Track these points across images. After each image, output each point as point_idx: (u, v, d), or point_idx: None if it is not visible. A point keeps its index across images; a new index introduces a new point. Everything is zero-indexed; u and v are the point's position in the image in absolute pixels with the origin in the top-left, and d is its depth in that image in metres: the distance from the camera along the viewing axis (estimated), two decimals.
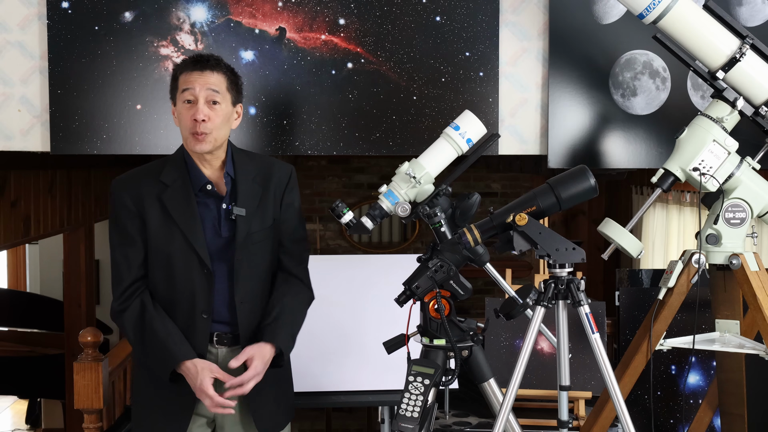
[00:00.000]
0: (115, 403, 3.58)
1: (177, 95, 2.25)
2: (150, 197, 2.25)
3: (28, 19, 2.93)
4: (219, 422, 2.34)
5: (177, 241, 2.24)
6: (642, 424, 3.10)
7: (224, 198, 2.28)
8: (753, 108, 2.45)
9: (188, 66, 2.24)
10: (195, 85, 2.21)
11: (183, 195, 2.25)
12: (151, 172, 2.30)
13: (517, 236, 2.22)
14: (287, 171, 2.38)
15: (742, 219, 2.43)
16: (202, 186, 2.27)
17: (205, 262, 2.24)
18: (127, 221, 2.26)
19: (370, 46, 2.95)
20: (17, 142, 2.96)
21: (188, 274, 2.25)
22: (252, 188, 2.29)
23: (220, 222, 2.27)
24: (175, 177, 2.27)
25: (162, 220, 2.25)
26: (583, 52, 2.98)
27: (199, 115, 2.19)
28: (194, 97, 2.21)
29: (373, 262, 3.24)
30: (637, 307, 3.27)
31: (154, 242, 2.26)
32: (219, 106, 2.23)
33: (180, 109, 2.24)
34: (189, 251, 2.24)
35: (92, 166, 5.55)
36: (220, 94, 2.23)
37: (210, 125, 2.21)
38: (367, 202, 7.37)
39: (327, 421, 6.25)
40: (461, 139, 2.31)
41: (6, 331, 7.32)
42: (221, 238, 2.27)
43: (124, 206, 2.26)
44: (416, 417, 2.08)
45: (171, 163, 2.31)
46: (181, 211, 2.24)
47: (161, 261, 2.26)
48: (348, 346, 3.01)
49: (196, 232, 2.23)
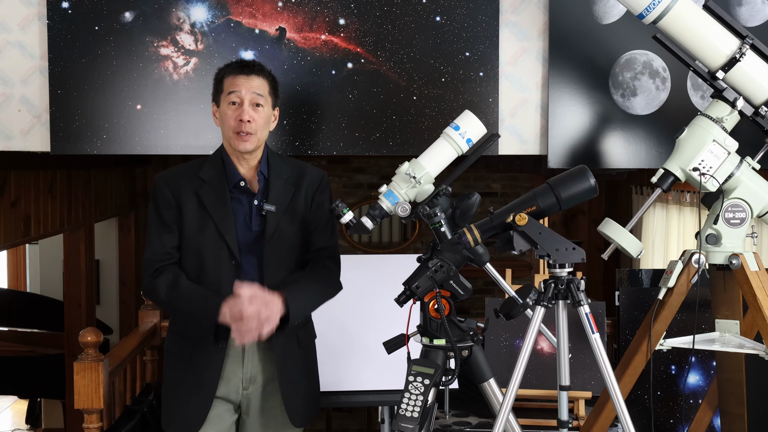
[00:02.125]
0: (115, 403, 3.57)
1: (222, 97, 2.39)
2: (188, 192, 2.38)
3: (28, 19, 2.93)
4: (244, 408, 2.43)
5: (210, 232, 2.36)
6: (642, 424, 3.10)
7: (256, 195, 2.39)
8: (753, 108, 2.45)
9: (235, 70, 2.38)
10: (241, 88, 2.35)
11: (218, 190, 2.38)
12: (191, 169, 2.43)
13: (517, 236, 2.22)
14: (319, 175, 2.50)
15: (742, 219, 2.43)
16: (236, 182, 2.39)
17: (234, 253, 2.35)
18: (165, 210, 2.39)
19: (370, 46, 2.96)
20: (17, 142, 2.96)
21: (217, 264, 2.36)
22: (284, 188, 2.42)
23: (251, 217, 2.38)
24: (212, 174, 2.40)
25: (197, 213, 2.37)
26: (583, 52, 2.98)
27: (245, 115, 2.33)
28: (240, 100, 2.35)
29: (373, 262, 3.25)
30: (637, 307, 3.27)
31: (189, 232, 2.38)
32: (262, 109, 2.37)
33: (225, 110, 2.37)
34: (220, 242, 2.35)
35: (92, 166, 5.55)
36: (263, 97, 2.37)
37: (254, 126, 2.35)
38: (367, 202, 7.37)
39: (327, 421, 6.25)
40: (461, 139, 2.31)
41: (6, 331, 7.32)
42: (251, 232, 2.38)
43: (164, 198, 2.39)
44: (416, 417, 2.08)
45: (210, 161, 2.44)
46: (216, 205, 2.37)
47: (193, 250, 2.38)
48: (348, 346, 3.01)
49: (228, 225, 2.35)
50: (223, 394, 2.39)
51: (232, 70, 2.39)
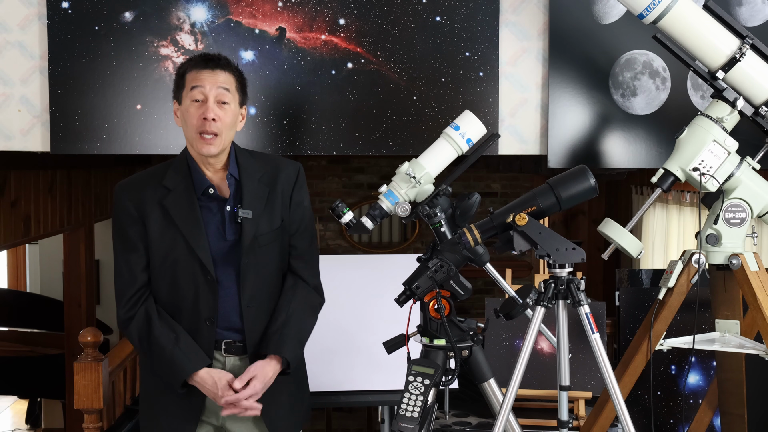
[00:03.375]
0: (115, 403, 3.58)
1: (184, 93, 2.20)
2: (152, 203, 2.21)
3: (28, 19, 2.93)
4: (228, 429, 2.30)
5: (179, 248, 2.19)
6: (642, 424, 3.10)
7: (228, 200, 2.23)
8: (753, 108, 2.45)
9: (198, 64, 2.19)
10: (205, 83, 2.16)
11: (185, 199, 2.20)
12: (154, 176, 2.25)
13: (517, 236, 2.22)
14: (294, 169, 2.32)
15: (742, 219, 2.43)
16: (205, 190, 2.22)
17: (208, 269, 2.19)
18: (129, 227, 2.22)
19: (370, 46, 2.95)
20: (17, 142, 2.96)
21: (192, 280, 2.20)
22: (258, 189, 2.24)
23: (225, 225, 2.22)
24: (177, 181, 2.22)
25: (164, 226, 2.20)
26: (583, 52, 2.98)
27: (210, 113, 2.15)
28: (204, 96, 2.17)
29: (373, 262, 3.24)
30: (637, 307, 3.27)
31: (156, 248, 2.21)
32: (228, 107, 2.19)
33: (187, 107, 2.19)
34: (192, 258, 2.19)
35: (92, 166, 5.55)
36: (230, 93, 2.19)
37: (219, 125, 2.17)
38: (367, 202, 7.37)
39: (327, 421, 6.25)
40: (461, 139, 2.31)
41: (6, 331, 7.32)
42: (226, 241, 2.22)
43: (126, 212, 2.22)
44: (416, 417, 2.08)
45: (174, 166, 2.25)
46: (184, 217, 2.19)
47: (164, 267, 2.22)
48: (348, 346, 3.00)
49: (199, 238, 2.19)
50: (205, 416, 2.28)
51: (195, 64, 2.19)
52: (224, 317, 2.24)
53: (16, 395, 7.75)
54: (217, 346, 2.25)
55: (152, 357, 2.20)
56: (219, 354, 2.26)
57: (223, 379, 2.18)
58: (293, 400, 2.35)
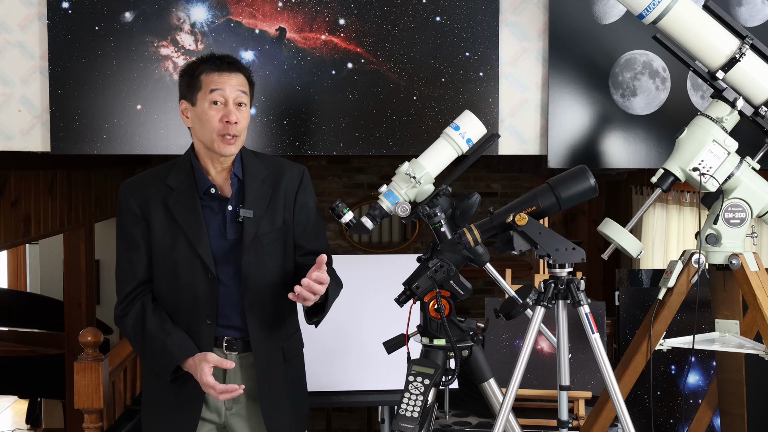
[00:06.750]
0: (115, 403, 3.58)
1: (199, 95, 2.20)
2: (156, 201, 2.23)
3: (28, 19, 2.93)
4: (230, 428, 2.30)
5: (181, 246, 2.22)
6: (642, 424, 3.10)
7: (229, 200, 2.25)
8: (753, 108, 2.45)
9: (217, 66, 2.21)
10: (225, 86, 2.18)
11: (188, 199, 2.23)
12: (159, 175, 2.28)
13: (517, 236, 2.22)
14: (299, 171, 2.34)
15: (742, 219, 2.43)
16: (206, 189, 2.24)
17: (209, 267, 2.21)
18: (132, 226, 2.25)
19: (370, 46, 2.96)
20: (17, 142, 2.96)
21: (192, 279, 2.22)
22: (261, 189, 2.26)
23: (226, 224, 2.24)
24: (180, 180, 2.24)
25: (167, 225, 2.23)
26: (583, 52, 2.98)
27: (233, 116, 2.17)
28: (225, 99, 2.18)
29: (373, 262, 3.24)
30: (637, 307, 3.27)
31: (159, 247, 2.24)
32: (245, 108, 2.23)
33: (205, 110, 2.19)
34: (193, 255, 2.21)
35: (92, 166, 5.55)
36: (246, 95, 2.23)
37: (239, 127, 2.20)
38: (367, 202, 7.37)
39: (327, 421, 6.25)
40: (461, 139, 2.31)
41: (6, 331, 7.32)
42: (227, 240, 2.24)
43: (130, 210, 2.25)
44: (416, 417, 2.08)
45: (178, 166, 2.28)
46: (186, 215, 2.22)
47: (166, 266, 2.24)
48: (348, 346, 3.01)
49: (200, 237, 2.21)
50: (206, 415, 2.28)
51: (213, 66, 2.20)
52: (224, 315, 2.26)
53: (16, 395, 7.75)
54: (218, 344, 2.26)
55: (145, 348, 2.23)
56: (220, 351, 2.27)
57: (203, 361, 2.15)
58: (295, 405, 2.35)
